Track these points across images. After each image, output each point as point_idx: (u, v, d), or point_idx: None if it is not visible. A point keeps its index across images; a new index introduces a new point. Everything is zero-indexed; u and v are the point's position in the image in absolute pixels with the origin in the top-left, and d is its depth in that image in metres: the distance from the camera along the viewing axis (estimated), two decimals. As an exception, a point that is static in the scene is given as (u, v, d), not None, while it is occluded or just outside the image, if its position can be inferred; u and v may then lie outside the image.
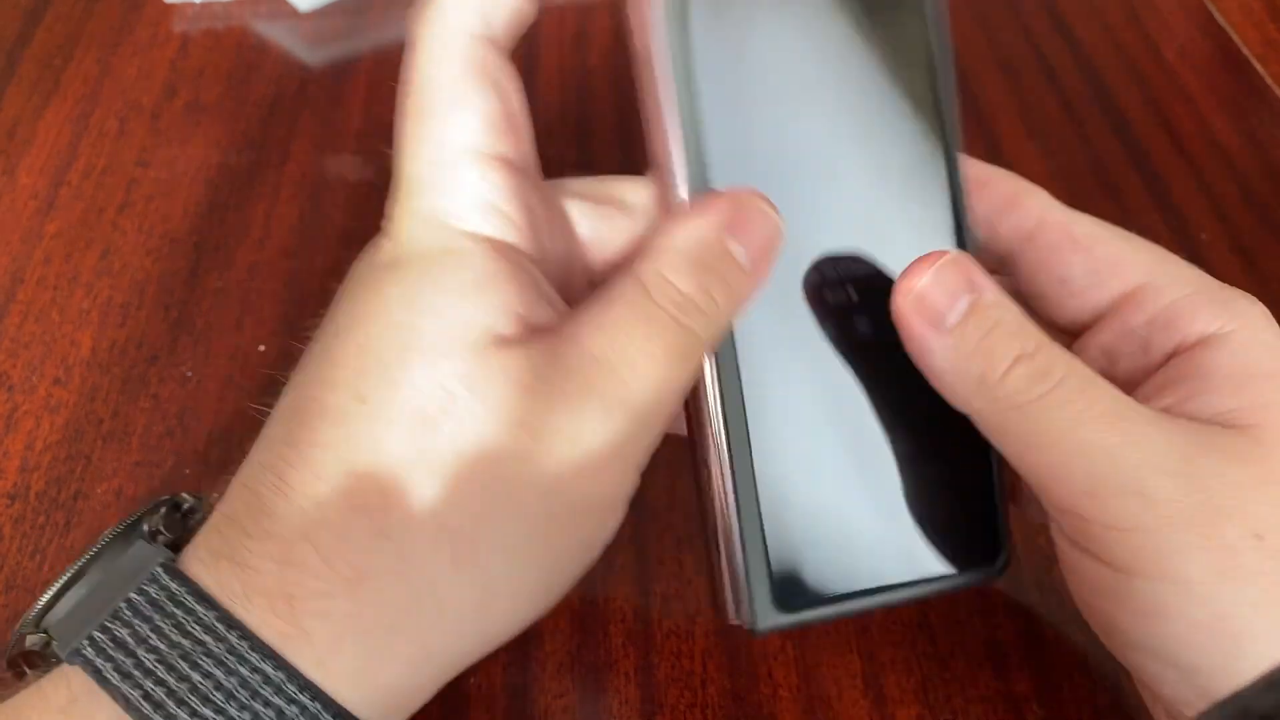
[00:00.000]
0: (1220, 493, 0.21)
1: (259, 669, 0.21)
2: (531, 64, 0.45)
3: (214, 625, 0.21)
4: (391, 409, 0.22)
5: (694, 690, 0.28)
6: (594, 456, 0.22)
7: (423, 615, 0.22)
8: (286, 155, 0.41)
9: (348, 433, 0.22)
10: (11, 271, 0.37)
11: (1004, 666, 0.29)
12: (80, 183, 0.40)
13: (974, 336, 0.22)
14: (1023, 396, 0.22)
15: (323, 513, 0.22)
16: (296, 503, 0.22)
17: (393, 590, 0.21)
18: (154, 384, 0.34)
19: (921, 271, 0.23)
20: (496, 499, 0.22)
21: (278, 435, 0.23)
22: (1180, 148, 0.43)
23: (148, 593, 0.22)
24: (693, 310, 0.23)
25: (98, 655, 0.21)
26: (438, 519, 0.22)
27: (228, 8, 0.47)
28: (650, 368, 0.22)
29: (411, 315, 0.23)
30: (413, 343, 0.22)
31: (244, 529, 0.22)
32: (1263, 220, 0.40)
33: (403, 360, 0.22)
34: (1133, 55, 0.46)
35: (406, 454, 0.22)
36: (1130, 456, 0.21)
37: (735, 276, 0.23)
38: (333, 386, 0.23)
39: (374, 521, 0.21)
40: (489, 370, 0.22)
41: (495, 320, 0.23)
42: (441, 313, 0.23)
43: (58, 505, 0.31)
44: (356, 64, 0.45)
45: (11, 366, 0.35)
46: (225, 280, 0.37)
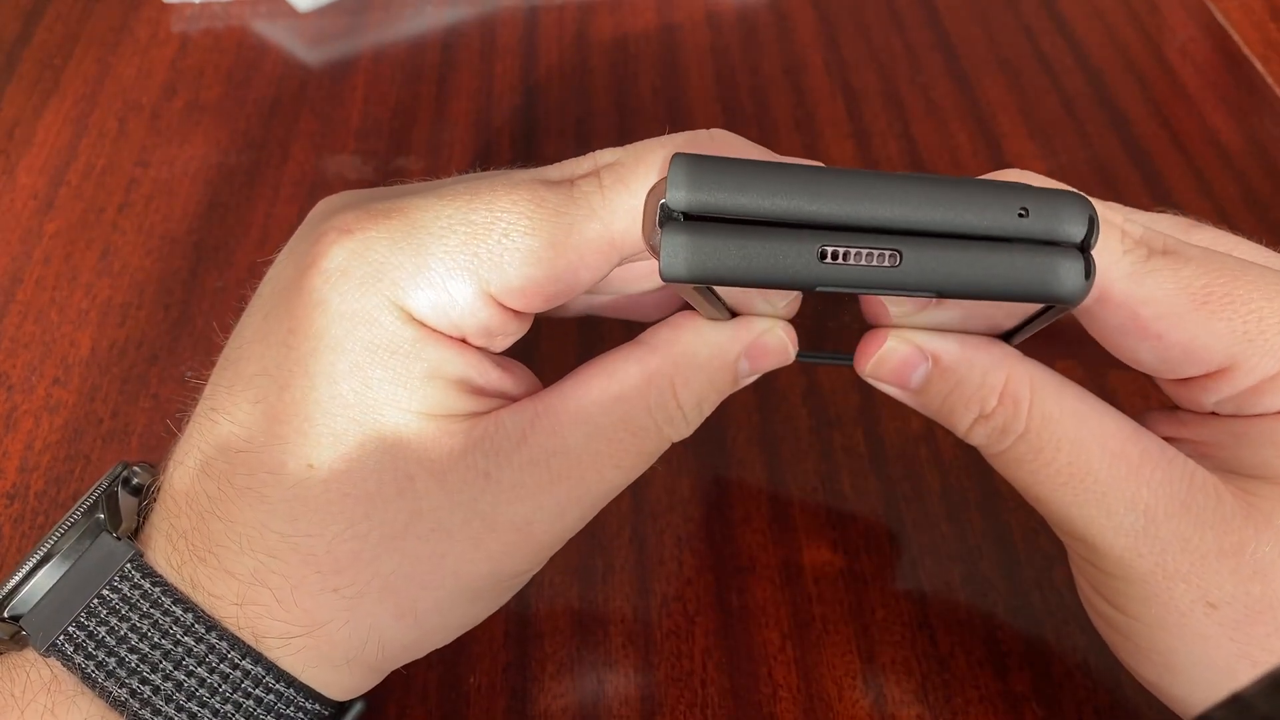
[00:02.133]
0: (1177, 557, 0.22)
1: (239, 665, 0.22)
2: (531, 64, 0.45)
3: (193, 626, 0.22)
4: (343, 483, 0.22)
5: (694, 690, 0.28)
6: (537, 543, 0.23)
7: (367, 650, 0.23)
8: (286, 155, 0.41)
9: (296, 494, 0.22)
10: (11, 272, 0.37)
11: (1004, 666, 0.29)
12: (80, 183, 0.40)
13: (936, 399, 0.24)
14: (989, 450, 0.24)
15: (276, 563, 0.22)
16: (246, 545, 0.22)
17: (342, 633, 0.22)
18: (154, 384, 0.34)
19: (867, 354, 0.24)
20: (444, 575, 0.23)
21: (219, 468, 0.23)
22: (1180, 148, 0.43)
23: (121, 590, 0.22)
24: (678, 420, 0.24)
25: (76, 651, 0.22)
26: (385, 583, 0.22)
27: (227, 8, 0.47)
28: (617, 475, 0.24)
29: (366, 395, 0.22)
30: (366, 423, 0.22)
31: (196, 552, 0.22)
32: (1263, 220, 0.40)
33: (355, 436, 0.22)
34: (1133, 55, 0.46)
35: (357, 527, 0.22)
36: (1082, 514, 0.22)
37: (728, 385, 0.24)
38: (275, 442, 0.22)
39: (323, 577, 0.22)
40: (449, 455, 0.22)
41: (455, 400, 0.23)
42: (399, 398, 0.22)
43: (57, 505, 0.31)
44: (356, 64, 0.45)
45: (11, 366, 0.35)
46: (225, 280, 0.37)
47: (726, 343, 0.24)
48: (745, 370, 0.24)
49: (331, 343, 0.22)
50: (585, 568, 0.30)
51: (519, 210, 0.22)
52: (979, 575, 0.30)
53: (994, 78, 0.45)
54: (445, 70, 0.45)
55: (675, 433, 0.24)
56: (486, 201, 0.22)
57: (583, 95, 0.44)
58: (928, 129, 0.43)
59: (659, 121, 0.43)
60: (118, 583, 0.22)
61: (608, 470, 0.23)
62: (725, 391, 0.24)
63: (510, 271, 0.22)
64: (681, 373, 0.23)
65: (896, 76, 0.45)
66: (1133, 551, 0.22)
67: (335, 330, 0.22)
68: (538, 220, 0.22)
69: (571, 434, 0.23)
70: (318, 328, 0.22)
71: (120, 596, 0.22)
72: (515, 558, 0.23)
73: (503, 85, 0.44)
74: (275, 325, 0.23)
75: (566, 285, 0.23)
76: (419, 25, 0.47)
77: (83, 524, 0.23)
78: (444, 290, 0.22)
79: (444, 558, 0.23)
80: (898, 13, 0.48)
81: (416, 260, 0.22)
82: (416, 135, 0.42)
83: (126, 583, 0.22)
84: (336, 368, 0.22)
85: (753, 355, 0.24)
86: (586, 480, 0.23)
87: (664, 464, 0.32)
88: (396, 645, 0.23)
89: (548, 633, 0.29)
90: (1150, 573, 0.22)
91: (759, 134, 0.42)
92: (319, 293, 0.22)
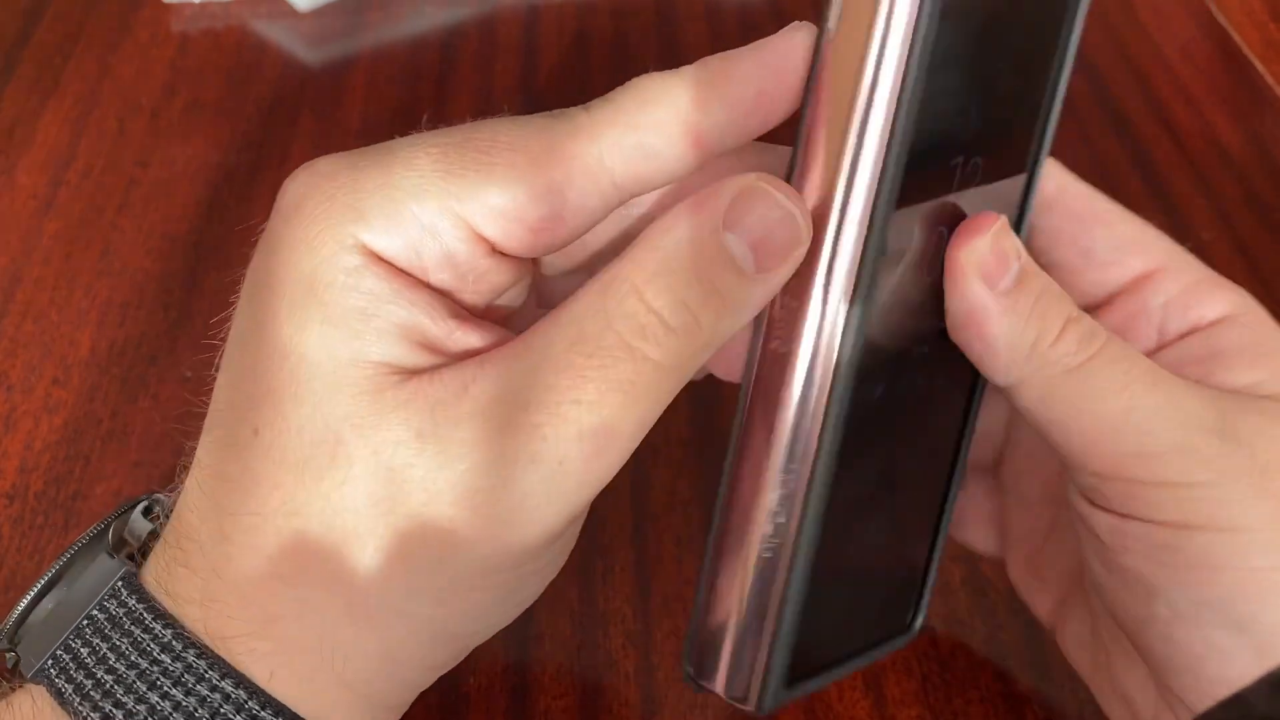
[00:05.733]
0: (1265, 449, 0.21)
1: (218, 687, 0.20)
2: (531, 64, 0.45)
3: (171, 644, 0.20)
4: (280, 448, 0.20)
5: (694, 690, 0.28)
6: (507, 516, 0.19)
7: (331, 664, 0.20)
8: (286, 155, 0.41)
9: (243, 466, 0.20)
10: (10, 272, 0.37)
11: (1004, 666, 0.29)
12: (79, 183, 0.40)
13: (1027, 302, 0.21)
14: (1074, 359, 0.21)
15: (231, 549, 0.20)
16: (206, 536, 0.21)
17: (298, 634, 0.20)
18: (154, 384, 0.34)
19: (979, 231, 0.21)
20: (390, 559, 0.20)
21: (200, 457, 0.22)
22: (1181, 148, 0.43)
23: (108, 609, 0.21)
24: (655, 330, 0.19)
25: (60, 675, 0.21)
26: (328, 570, 0.20)
27: (227, 8, 0.47)
28: (578, 412, 0.19)
29: (298, 339, 0.20)
30: (298, 374, 0.20)
31: (175, 556, 0.21)
32: (1263, 220, 0.40)
33: (289, 392, 0.20)
34: (1134, 55, 0.46)
35: (293, 502, 0.20)
36: (1174, 415, 0.21)
37: (732, 282, 0.19)
38: (231, 408, 0.21)
39: (271, 563, 0.20)
40: (381, 412, 0.19)
41: (391, 351, 0.20)
42: (329, 340, 0.19)
43: (57, 505, 0.31)
44: (356, 64, 0.45)
45: (10, 367, 0.35)
46: (225, 280, 0.37)
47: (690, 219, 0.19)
48: (742, 251, 0.19)
49: (275, 282, 0.20)
50: (585, 568, 0.30)
51: (497, 127, 0.20)
52: (979, 576, 0.30)
53: (994, 78, 0.45)
54: (445, 70, 0.45)
55: (659, 349, 0.19)
56: (463, 127, 0.20)
57: (583, 95, 0.44)
58: (928, 129, 0.43)
59: (659, 121, 0.43)
60: (107, 602, 0.21)
61: (564, 407, 0.19)
62: (725, 285, 0.19)
63: (488, 190, 0.19)
64: (643, 267, 0.19)
65: (896, 76, 0.45)
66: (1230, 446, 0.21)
67: (281, 268, 0.20)
68: (517, 136, 0.20)
69: (514, 372, 0.19)
70: (267, 268, 0.20)
71: (107, 616, 0.21)
72: (475, 536, 0.19)
73: (503, 85, 0.44)
74: (245, 291, 0.21)
75: (552, 210, 0.20)
76: (419, 25, 0.47)
77: (89, 548, 0.22)
78: (405, 209, 0.19)
79: (382, 536, 0.20)
80: (898, 13, 0.48)
81: (379, 180, 0.20)
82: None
83: (114, 601, 0.21)
84: (279, 311, 0.20)
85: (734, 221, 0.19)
86: (538, 426, 0.19)
87: (665, 464, 0.32)
88: (359, 656, 0.20)
89: (548, 633, 0.29)
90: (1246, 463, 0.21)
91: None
92: (274, 232, 0.20)
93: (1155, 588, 0.22)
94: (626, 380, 0.19)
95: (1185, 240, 0.39)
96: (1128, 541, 0.22)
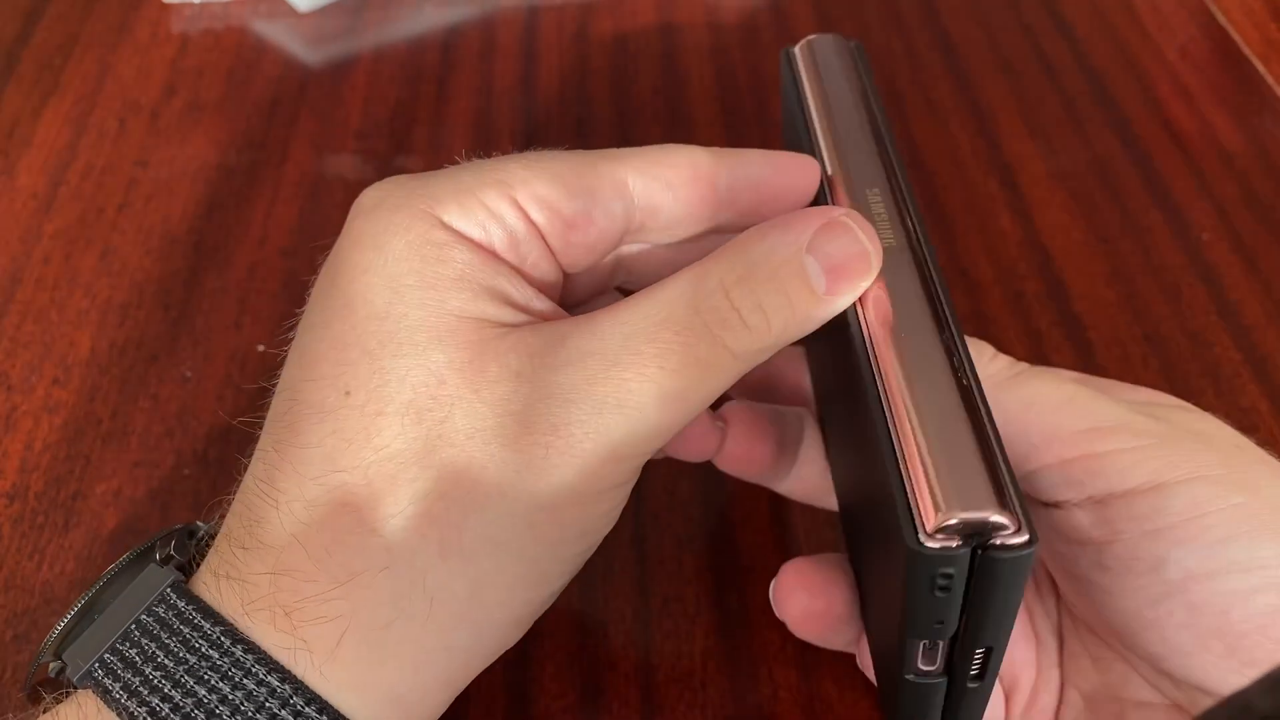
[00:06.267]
0: (1182, 421, 0.24)
1: (264, 682, 0.21)
2: (531, 64, 0.45)
3: (219, 640, 0.21)
4: (378, 400, 0.22)
5: (694, 690, 0.28)
6: (584, 454, 0.21)
7: (414, 609, 0.21)
8: (286, 155, 0.41)
9: (334, 428, 0.22)
10: (10, 272, 0.37)
11: (1004, 667, 0.29)
12: (79, 183, 0.40)
13: None
14: (1009, 373, 0.25)
15: (310, 514, 0.21)
16: (285, 507, 0.22)
17: (383, 586, 0.21)
18: (153, 384, 0.34)
19: None
20: (483, 489, 0.21)
21: (266, 444, 0.23)
22: (1181, 148, 0.43)
23: (157, 613, 0.22)
24: (734, 324, 0.22)
25: (106, 676, 0.21)
26: (424, 509, 0.21)
27: (227, 8, 0.47)
28: (662, 376, 0.21)
29: (396, 303, 0.22)
30: (398, 332, 0.22)
31: (240, 543, 0.22)
32: (1263, 220, 0.40)
33: (388, 349, 0.22)
34: (1133, 55, 0.46)
35: (393, 445, 0.21)
36: (1107, 402, 0.24)
37: (801, 296, 0.22)
38: (316, 382, 0.22)
39: (361, 517, 0.21)
40: (482, 357, 0.22)
41: (487, 307, 0.22)
42: (428, 301, 0.22)
43: (57, 505, 0.31)
44: (356, 64, 0.45)
45: (10, 367, 0.35)
46: (225, 280, 0.37)
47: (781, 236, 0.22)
48: (817, 273, 0.22)
49: (367, 264, 0.23)
50: (585, 568, 0.30)
51: (540, 153, 0.24)
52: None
53: (994, 78, 0.45)
54: (445, 70, 0.45)
55: (735, 340, 0.22)
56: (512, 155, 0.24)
57: (583, 95, 0.44)
58: (928, 129, 0.43)
59: (659, 121, 0.43)
60: (155, 606, 0.22)
61: (650, 369, 0.21)
62: (798, 299, 0.22)
63: (536, 181, 0.23)
64: (733, 268, 0.22)
65: (896, 76, 0.45)
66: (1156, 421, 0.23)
67: (370, 254, 0.23)
68: (559, 155, 0.24)
69: (610, 332, 0.22)
70: (355, 260, 0.23)
71: (155, 619, 0.22)
72: (558, 467, 0.21)
73: (503, 85, 0.44)
74: (321, 288, 0.24)
75: (584, 208, 0.23)
76: (419, 25, 0.47)
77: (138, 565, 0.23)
78: (473, 195, 0.23)
79: (479, 466, 0.21)
80: (898, 13, 0.48)
81: (446, 177, 0.23)
82: (416, 135, 0.42)
83: (162, 605, 0.22)
84: (372, 285, 0.22)
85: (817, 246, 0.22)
86: (626, 380, 0.21)
87: (665, 464, 0.32)
88: (446, 599, 0.21)
89: (548, 632, 0.29)
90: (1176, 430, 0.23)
91: (759, 134, 0.42)
92: (355, 230, 0.23)
93: (1159, 557, 0.22)
94: (704, 359, 0.22)
95: (1184, 240, 0.39)
96: (1116, 524, 0.23)
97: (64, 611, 0.29)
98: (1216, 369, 0.35)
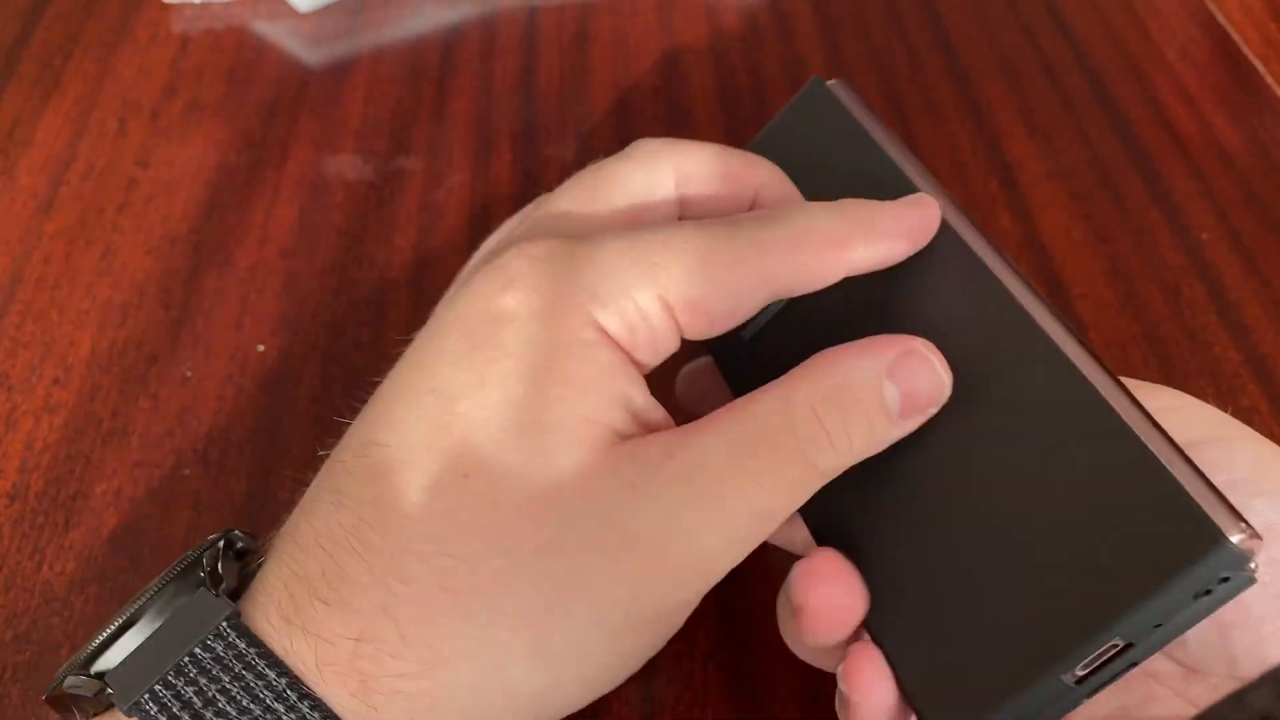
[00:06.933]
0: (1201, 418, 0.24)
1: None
2: (531, 64, 0.45)
3: (285, 693, 0.21)
4: (496, 492, 0.22)
5: (694, 691, 0.28)
6: (675, 566, 0.22)
7: (492, 699, 0.22)
8: (286, 155, 0.41)
9: (445, 508, 0.21)
10: (11, 272, 0.37)
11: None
12: (80, 183, 0.40)
13: None
14: None
15: (409, 590, 0.21)
16: (379, 573, 0.21)
17: (467, 674, 0.21)
18: (154, 384, 0.34)
19: None
20: (583, 598, 0.22)
21: (362, 494, 0.22)
22: (1180, 148, 0.43)
23: (214, 650, 0.21)
24: (824, 447, 0.23)
25: (160, 711, 0.21)
26: (523, 609, 0.21)
27: (228, 8, 0.47)
28: (759, 495, 0.22)
29: (534, 395, 0.22)
30: (531, 425, 0.22)
31: (319, 594, 0.21)
32: (1263, 220, 0.40)
33: (517, 443, 0.22)
34: (1133, 55, 0.46)
35: (504, 542, 0.21)
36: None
37: (880, 422, 0.23)
38: (433, 453, 0.22)
39: (459, 603, 0.21)
40: (600, 468, 0.22)
41: (614, 416, 0.23)
42: (567, 403, 0.22)
43: (57, 505, 0.31)
44: (356, 64, 0.45)
45: (11, 366, 0.35)
46: (225, 280, 0.37)
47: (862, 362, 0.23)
48: (894, 399, 0.23)
49: (511, 349, 0.22)
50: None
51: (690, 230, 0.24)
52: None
53: (994, 78, 0.45)
54: (445, 70, 0.45)
55: (824, 459, 0.23)
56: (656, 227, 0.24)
57: (583, 95, 0.44)
58: (928, 129, 0.43)
59: (659, 121, 0.43)
60: (211, 641, 0.21)
61: (748, 487, 0.22)
62: (876, 422, 0.23)
63: (691, 284, 0.23)
64: (819, 389, 0.23)
65: (896, 76, 0.45)
66: None
67: (515, 338, 0.22)
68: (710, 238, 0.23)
69: (713, 448, 0.22)
70: (499, 337, 0.23)
71: (213, 656, 0.21)
72: (652, 581, 0.22)
73: (503, 85, 0.44)
74: (451, 345, 0.23)
75: (729, 308, 0.23)
76: (419, 25, 0.47)
77: (179, 582, 0.22)
78: (626, 295, 0.23)
79: (581, 574, 0.22)
80: (898, 13, 0.48)
81: (600, 265, 0.23)
82: (416, 135, 0.42)
83: (221, 642, 0.21)
84: (514, 371, 0.22)
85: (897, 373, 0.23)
86: (726, 497, 0.22)
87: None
88: (523, 693, 0.22)
89: (548, 633, 0.29)
90: None
91: (759, 134, 0.42)
92: (500, 302, 0.23)
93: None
94: (794, 478, 0.23)
95: (1184, 240, 0.39)
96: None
97: (64, 611, 0.29)
98: (1216, 369, 0.35)
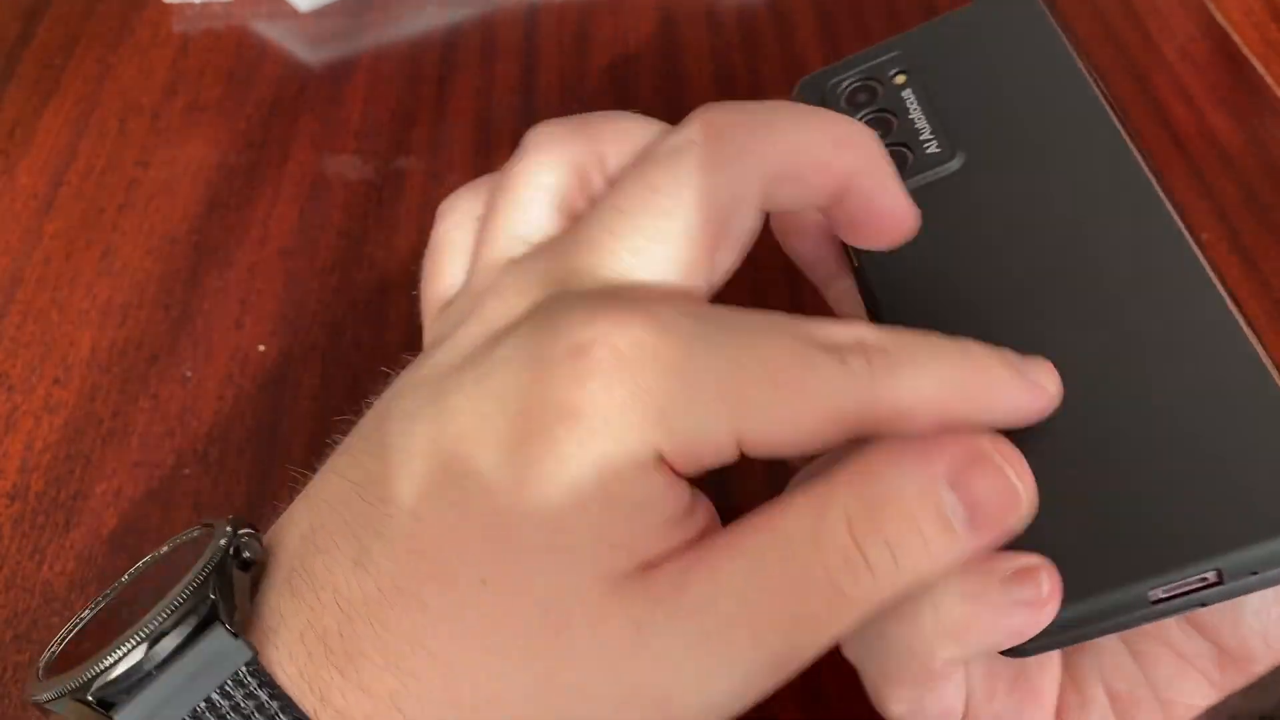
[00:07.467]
0: None
1: None
2: (531, 64, 0.45)
3: None
4: (510, 606, 0.20)
5: (694, 690, 0.28)
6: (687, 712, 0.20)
7: None
8: (286, 155, 0.41)
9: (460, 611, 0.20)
10: (11, 272, 0.37)
11: (1004, 666, 0.29)
12: (80, 183, 0.40)
13: None
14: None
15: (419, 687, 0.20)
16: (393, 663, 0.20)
17: None
18: (154, 384, 0.34)
19: None
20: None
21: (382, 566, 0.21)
22: (1181, 148, 0.43)
23: (233, 697, 0.20)
24: (859, 571, 0.19)
25: None
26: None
27: (228, 8, 0.47)
28: (774, 640, 0.19)
29: (570, 513, 0.20)
30: (559, 543, 0.20)
31: (339, 666, 0.20)
32: (1263, 220, 0.40)
33: (538, 562, 0.20)
34: (1133, 55, 0.46)
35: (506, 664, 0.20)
36: None
37: (938, 540, 0.19)
38: (461, 552, 0.21)
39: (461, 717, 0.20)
40: (609, 605, 0.20)
41: (640, 543, 0.20)
42: (598, 523, 0.20)
43: (57, 505, 0.31)
44: (356, 64, 0.45)
45: (11, 366, 0.35)
46: (225, 280, 0.37)
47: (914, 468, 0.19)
48: (954, 507, 0.19)
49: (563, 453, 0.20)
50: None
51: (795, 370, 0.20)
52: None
53: (994, 78, 0.45)
54: (445, 70, 0.45)
55: (857, 588, 0.19)
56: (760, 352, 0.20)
57: (583, 95, 0.44)
58: (928, 129, 0.43)
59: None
60: (230, 688, 0.20)
61: (765, 631, 0.19)
62: (931, 535, 0.19)
63: (774, 425, 0.20)
64: (859, 497, 0.19)
65: (896, 76, 0.45)
66: None
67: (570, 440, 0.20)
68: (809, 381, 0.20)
69: (729, 579, 0.20)
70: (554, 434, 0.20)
71: (231, 705, 0.20)
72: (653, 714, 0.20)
73: (503, 85, 0.44)
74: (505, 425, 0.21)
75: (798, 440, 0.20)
76: (419, 25, 0.47)
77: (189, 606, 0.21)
78: (701, 428, 0.20)
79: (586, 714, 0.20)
80: (898, 13, 0.48)
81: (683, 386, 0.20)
82: (416, 135, 0.42)
83: (240, 690, 0.20)
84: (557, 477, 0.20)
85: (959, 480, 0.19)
86: (736, 643, 0.19)
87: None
88: None
89: (548, 633, 0.29)
90: None
91: (759, 134, 0.42)
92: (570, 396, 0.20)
93: None
94: (818, 615, 0.19)
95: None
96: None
97: (64, 611, 0.29)
98: (1216, 369, 0.35)
